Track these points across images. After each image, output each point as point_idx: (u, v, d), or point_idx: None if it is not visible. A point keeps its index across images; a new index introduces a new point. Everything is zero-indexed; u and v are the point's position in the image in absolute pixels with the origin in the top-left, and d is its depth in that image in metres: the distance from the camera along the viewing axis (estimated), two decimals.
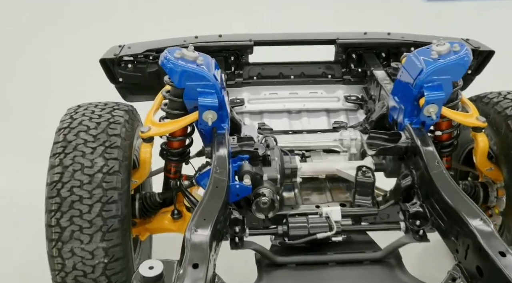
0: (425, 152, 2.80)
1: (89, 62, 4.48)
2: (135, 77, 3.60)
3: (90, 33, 7.59)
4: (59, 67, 6.63)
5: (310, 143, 3.32)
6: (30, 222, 3.37)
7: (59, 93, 5.91)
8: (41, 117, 5.34)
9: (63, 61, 6.76)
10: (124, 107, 3.08)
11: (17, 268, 3.77)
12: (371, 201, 3.00)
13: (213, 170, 2.67)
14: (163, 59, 2.87)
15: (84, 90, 5.30)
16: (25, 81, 6.44)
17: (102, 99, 3.20)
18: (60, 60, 6.80)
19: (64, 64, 6.67)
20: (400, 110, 3.09)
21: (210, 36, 3.80)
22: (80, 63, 6.31)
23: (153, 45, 3.64)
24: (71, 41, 7.42)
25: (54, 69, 6.59)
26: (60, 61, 6.76)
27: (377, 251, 2.77)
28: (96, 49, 3.95)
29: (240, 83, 3.85)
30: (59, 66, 6.65)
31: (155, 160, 3.10)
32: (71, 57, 6.82)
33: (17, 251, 3.89)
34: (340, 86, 3.93)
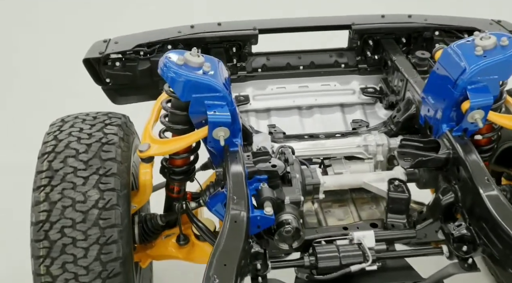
0: (471, 166, 2.43)
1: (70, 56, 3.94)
2: (125, 76, 3.12)
3: (68, 21, 6.63)
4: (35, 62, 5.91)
5: (330, 151, 2.92)
6: None
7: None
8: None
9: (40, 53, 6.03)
10: (116, 121, 2.61)
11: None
12: (406, 219, 2.64)
13: (229, 200, 2.26)
14: (162, 67, 2.41)
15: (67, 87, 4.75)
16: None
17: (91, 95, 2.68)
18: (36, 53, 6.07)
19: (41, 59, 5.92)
20: (437, 113, 2.69)
21: (207, 24, 3.31)
22: (61, 58, 5.66)
23: (144, 38, 3.15)
24: (45, 30, 6.48)
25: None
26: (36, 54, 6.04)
27: (419, 282, 2.43)
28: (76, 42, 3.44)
29: (243, 77, 3.40)
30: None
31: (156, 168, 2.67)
32: (48, 49, 6.05)
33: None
34: (354, 77, 3.51)
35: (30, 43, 6.17)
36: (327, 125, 3.40)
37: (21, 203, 2.99)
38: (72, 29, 6.31)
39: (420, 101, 2.88)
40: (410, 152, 2.72)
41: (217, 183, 2.63)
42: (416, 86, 2.95)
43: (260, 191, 2.37)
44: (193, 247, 2.75)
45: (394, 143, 2.92)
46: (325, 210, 2.87)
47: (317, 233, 2.60)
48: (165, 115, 2.62)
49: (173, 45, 3.19)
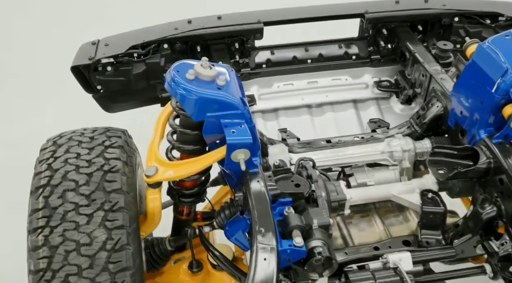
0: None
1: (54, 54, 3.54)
2: (118, 82, 2.78)
3: (51, 16, 5.95)
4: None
5: (352, 159, 2.65)
6: None
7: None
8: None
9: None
10: (116, 141, 2.30)
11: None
12: (441, 235, 2.42)
13: (256, 233, 1.99)
14: (170, 82, 2.09)
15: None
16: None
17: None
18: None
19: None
20: (472, 117, 2.44)
21: (206, 18, 2.96)
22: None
23: (137, 38, 2.79)
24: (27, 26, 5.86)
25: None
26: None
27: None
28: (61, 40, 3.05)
29: (247, 75, 3.08)
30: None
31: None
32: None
33: None
34: (367, 69, 3.23)
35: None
36: (341, 124, 3.13)
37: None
38: (56, 25, 5.74)
39: (448, 101, 2.63)
40: (443, 160, 2.48)
41: (232, 205, 2.36)
42: (443, 84, 2.69)
43: (287, 218, 2.11)
44: (208, 275, 2.50)
45: (421, 147, 2.68)
46: (347, 221, 2.63)
47: (346, 255, 2.38)
48: (172, 133, 2.31)
49: (169, 44, 2.84)
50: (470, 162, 2.44)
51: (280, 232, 2.08)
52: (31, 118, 4.61)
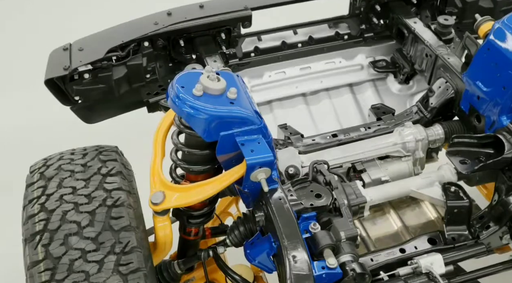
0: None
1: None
2: (98, 90, 2.47)
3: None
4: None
5: (364, 154, 2.48)
6: None
7: None
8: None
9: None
10: (114, 165, 2.03)
11: None
12: (467, 230, 2.30)
13: (288, 259, 1.81)
14: (175, 100, 1.81)
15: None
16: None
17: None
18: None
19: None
20: (492, 103, 2.29)
21: (187, 8, 2.66)
22: None
23: (114, 38, 2.46)
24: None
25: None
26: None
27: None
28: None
29: (236, 66, 2.82)
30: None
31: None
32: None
33: None
34: (360, 49, 3.02)
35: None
36: (339, 111, 2.95)
37: None
38: (18, 24, 5.12)
39: (460, 84, 2.47)
40: (464, 150, 2.35)
41: (246, 221, 2.14)
42: (452, 65, 2.52)
43: (316, 237, 1.93)
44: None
45: (433, 134, 2.53)
46: (362, 218, 2.48)
47: (372, 262, 2.23)
48: (176, 150, 2.06)
49: (151, 41, 2.54)
50: (491, 150, 2.31)
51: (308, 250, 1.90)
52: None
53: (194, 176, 2.05)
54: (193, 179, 2.08)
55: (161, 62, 2.66)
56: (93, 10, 2.66)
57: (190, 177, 2.08)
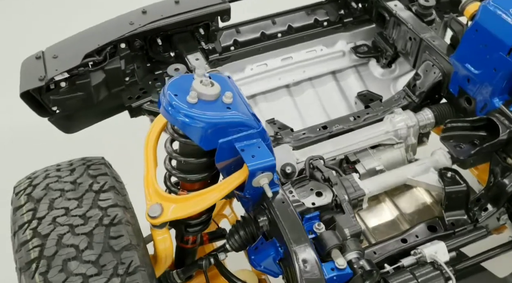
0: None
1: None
2: (76, 98, 2.34)
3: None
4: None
5: (357, 145, 2.43)
6: None
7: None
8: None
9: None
10: (105, 180, 1.92)
11: None
12: (466, 214, 2.30)
13: (298, 266, 1.76)
14: (168, 108, 1.71)
15: None
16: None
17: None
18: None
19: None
20: (483, 85, 2.27)
21: (162, 4, 2.54)
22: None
23: (89, 42, 2.32)
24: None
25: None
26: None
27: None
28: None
29: (216, 62, 2.72)
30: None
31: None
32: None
33: None
34: (341, 35, 2.96)
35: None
36: (324, 100, 2.90)
37: None
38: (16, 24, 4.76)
39: (447, 67, 2.44)
40: (457, 134, 2.33)
41: (246, 224, 2.07)
42: (439, 49, 2.49)
43: (322, 238, 1.88)
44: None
45: (423, 119, 2.50)
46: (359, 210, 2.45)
47: (376, 255, 2.20)
48: (170, 159, 1.97)
49: (127, 43, 2.41)
50: (484, 132, 2.31)
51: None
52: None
53: (191, 184, 1.97)
54: (189, 187, 2.00)
55: (138, 63, 2.54)
56: (93, 9, 2.51)
57: (186, 185, 2.00)
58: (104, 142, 2.92)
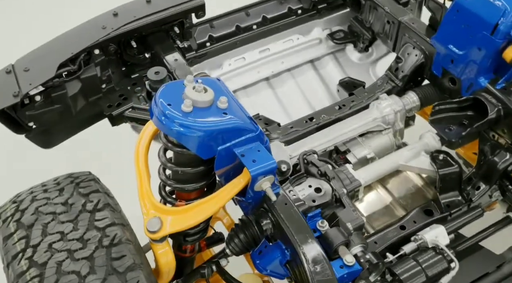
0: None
1: None
2: (53, 112, 2.22)
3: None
4: None
5: (347, 135, 2.40)
6: None
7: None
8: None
9: None
10: (98, 198, 1.83)
11: None
12: (460, 195, 2.31)
13: (308, 267, 1.72)
14: (161, 118, 1.63)
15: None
16: None
17: None
18: None
19: None
20: (468, 65, 2.27)
21: (132, 5, 2.42)
22: None
23: (62, 51, 2.20)
24: None
25: None
26: None
27: (505, 263, 2.17)
28: None
29: (193, 59, 2.64)
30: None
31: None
32: None
33: None
34: (315, 23, 2.91)
35: None
36: (305, 90, 2.86)
37: None
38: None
39: (429, 48, 2.43)
40: (446, 116, 2.33)
41: (246, 227, 2.02)
42: (419, 32, 2.47)
43: (327, 236, 1.84)
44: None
45: (409, 103, 2.49)
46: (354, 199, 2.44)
47: (376, 245, 2.19)
48: (164, 169, 1.89)
49: (101, 49, 2.30)
50: (471, 112, 2.31)
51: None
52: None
53: (187, 194, 1.90)
54: (186, 196, 1.92)
55: (113, 68, 2.43)
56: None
57: (182, 195, 1.92)
58: (82, 147, 2.78)
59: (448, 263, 2.07)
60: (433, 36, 2.38)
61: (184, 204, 1.88)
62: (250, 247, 1.98)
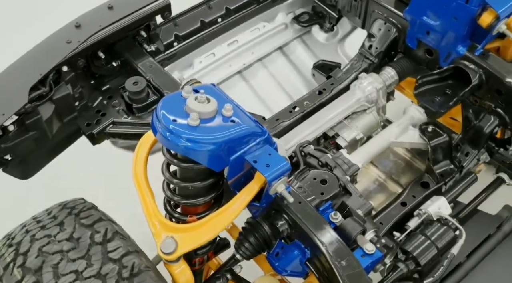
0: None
1: None
2: (29, 140, 2.05)
3: None
4: None
5: (335, 120, 2.37)
6: None
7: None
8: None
9: None
10: (105, 226, 1.72)
11: None
12: (452, 163, 2.35)
13: (333, 264, 1.69)
14: (166, 135, 1.53)
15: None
16: None
17: None
18: None
19: None
20: (445, 36, 2.27)
21: (95, 14, 2.26)
22: None
23: (29, 74, 2.03)
24: None
25: None
26: None
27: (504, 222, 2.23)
28: None
29: (163, 62, 2.52)
30: None
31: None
32: None
33: None
34: (279, 7, 2.85)
35: None
36: (279, 77, 2.82)
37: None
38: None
39: (403, 23, 2.42)
40: (429, 88, 2.34)
41: (255, 230, 1.96)
42: (389, 6, 2.45)
43: (344, 228, 1.83)
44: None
45: (388, 78, 2.49)
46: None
47: (382, 225, 2.20)
48: (168, 186, 1.80)
49: (69, 65, 2.15)
50: (452, 81, 2.34)
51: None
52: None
53: (195, 209, 1.82)
54: (193, 210, 1.85)
55: (82, 82, 2.28)
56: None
57: (190, 209, 1.84)
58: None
59: (454, 232, 2.11)
60: (405, 9, 2.38)
61: (195, 218, 1.80)
62: (262, 250, 1.94)
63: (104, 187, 3.30)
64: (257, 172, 1.69)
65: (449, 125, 2.76)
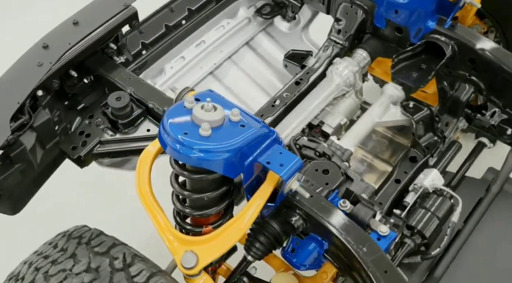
0: (492, 50, 2.22)
1: None
2: (15, 172, 1.94)
3: None
4: None
5: (319, 108, 2.38)
6: None
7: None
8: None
9: None
10: (122, 251, 1.66)
11: None
12: (435, 135, 2.42)
13: (355, 251, 1.72)
14: (175, 147, 1.49)
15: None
16: None
17: None
18: None
19: None
20: (413, 13, 2.32)
21: (60, 31, 2.16)
22: None
23: (6, 104, 1.91)
24: None
25: None
26: None
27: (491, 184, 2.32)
28: None
29: (135, 71, 2.45)
30: None
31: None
32: None
33: None
34: (239, 2, 2.82)
35: None
36: (250, 73, 2.79)
37: None
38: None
39: (369, 4, 2.45)
40: (405, 65, 2.40)
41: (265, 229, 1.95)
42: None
43: (358, 215, 1.86)
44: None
45: (361, 60, 2.52)
46: None
47: (382, 205, 2.24)
48: (178, 198, 1.76)
49: (44, 88, 2.04)
50: (425, 55, 2.40)
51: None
52: None
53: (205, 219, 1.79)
54: (205, 221, 1.82)
55: (56, 104, 2.18)
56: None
57: (201, 220, 1.81)
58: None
59: (450, 200, 2.19)
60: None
61: (211, 228, 1.77)
62: (273, 248, 1.94)
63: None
64: (269, 172, 1.68)
65: (422, 99, 2.84)
